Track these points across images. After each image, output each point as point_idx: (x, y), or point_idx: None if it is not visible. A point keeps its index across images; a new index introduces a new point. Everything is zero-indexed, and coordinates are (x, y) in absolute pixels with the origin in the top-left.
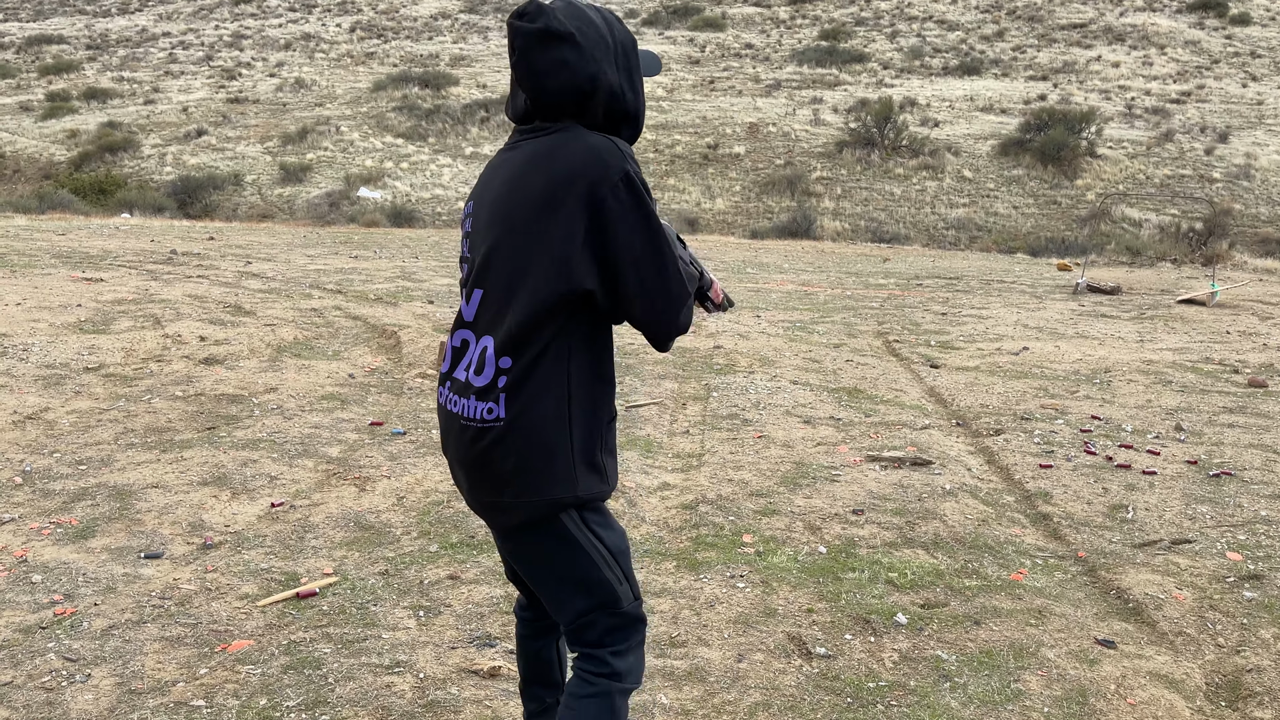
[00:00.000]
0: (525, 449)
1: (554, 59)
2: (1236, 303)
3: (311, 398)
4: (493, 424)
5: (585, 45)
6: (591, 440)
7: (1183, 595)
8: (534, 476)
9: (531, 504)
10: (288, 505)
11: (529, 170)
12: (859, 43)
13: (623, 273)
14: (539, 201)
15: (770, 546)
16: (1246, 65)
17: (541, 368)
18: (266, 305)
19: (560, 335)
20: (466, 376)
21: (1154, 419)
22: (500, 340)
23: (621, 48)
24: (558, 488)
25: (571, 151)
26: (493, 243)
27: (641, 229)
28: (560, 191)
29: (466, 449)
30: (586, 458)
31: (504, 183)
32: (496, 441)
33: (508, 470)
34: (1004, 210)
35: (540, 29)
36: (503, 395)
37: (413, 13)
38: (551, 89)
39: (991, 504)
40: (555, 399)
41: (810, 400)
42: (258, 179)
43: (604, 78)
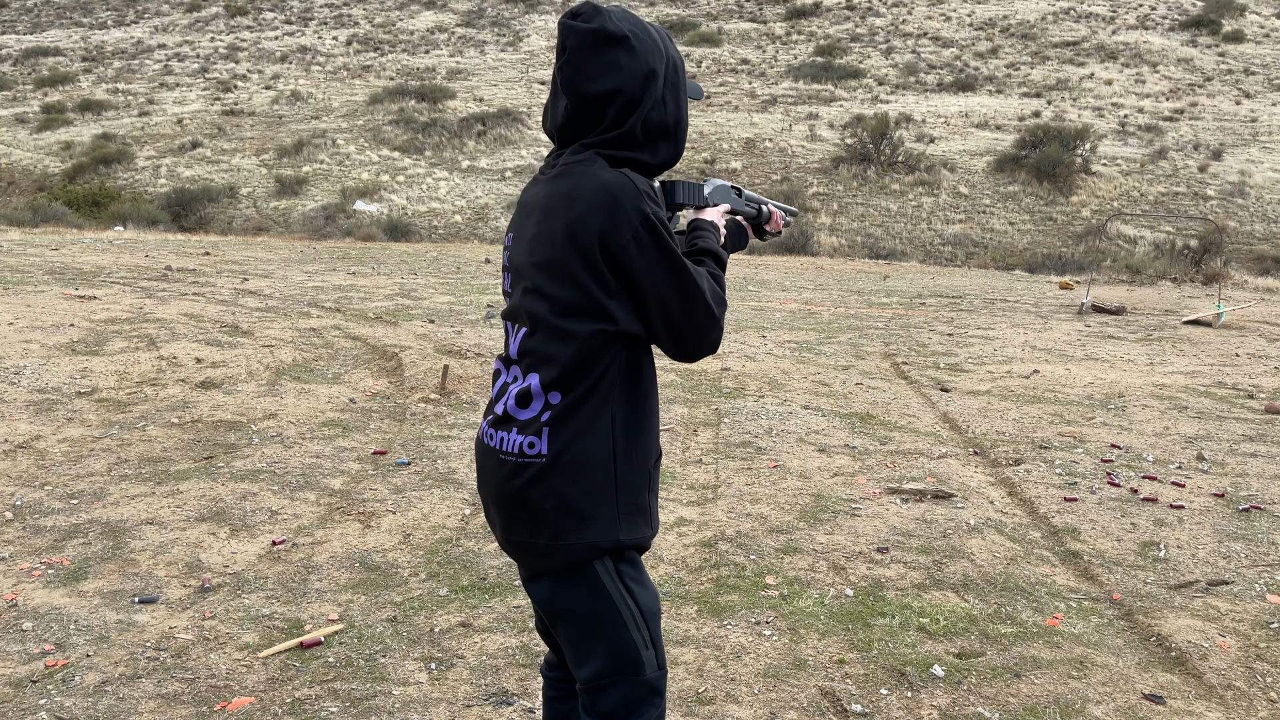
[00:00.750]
0: (567, 487)
1: (606, 61)
2: (1242, 324)
3: (312, 424)
4: (533, 459)
5: (639, 50)
6: (638, 480)
7: (1227, 644)
8: (574, 517)
9: (569, 547)
10: (289, 543)
11: (553, 212)
12: (854, 59)
13: (651, 313)
14: (564, 247)
15: (795, 589)
16: (1240, 82)
17: (589, 404)
18: (264, 325)
19: (608, 372)
20: (507, 409)
21: (1174, 448)
22: (548, 376)
23: (672, 61)
24: (599, 530)
25: (589, 193)
26: (530, 284)
27: (664, 270)
28: (581, 237)
29: (503, 484)
30: (631, 498)
31: (536, 223)
32: (536, 478)
33: (546, 509)
34: (1000, 226)
35: (595, 29)
36: (546, 430)
37: (409, 26)
38: (597, 93)
39: (1019, 540)
40: (601, 436)
41: (823, 426)
42: (253, 192)
43: (653, 86)
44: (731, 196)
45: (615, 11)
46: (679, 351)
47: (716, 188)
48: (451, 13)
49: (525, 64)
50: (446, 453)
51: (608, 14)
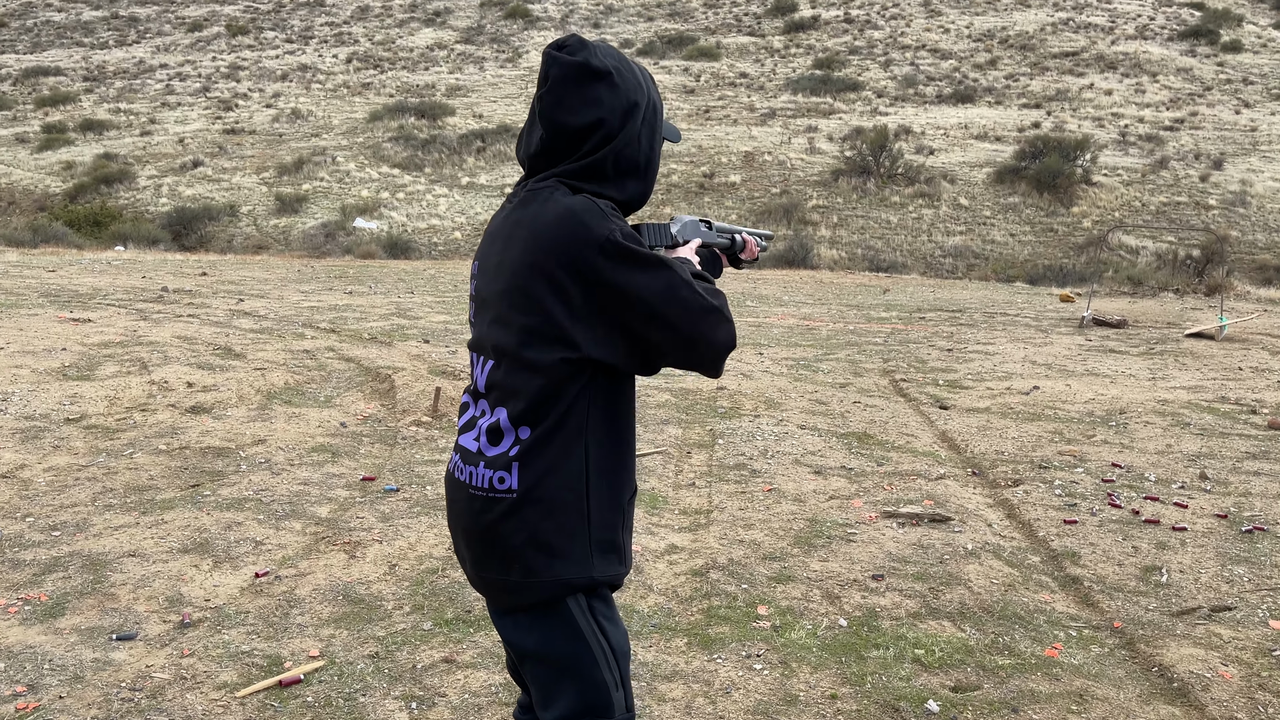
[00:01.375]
0: (538, 523)
1: (588, 95)
2: (1245, 336)
3: (301, 450)
4: (504, 494)
5: (621, 87)
6: (611, 516)
7: (1229, 673)
8: (546, 554)
9: (542, 584)
10: (272, 575)
11: (516, 239)
12: (853, 71)
13: (645, 333)
14: (528, 274)
15: (787, 619)
16: (1239, 92)
17: (560, 436)
18: (258, 347)
19: (578, 403)
20: (478, 445)
21: (1177, 466)
22: (516, 410)
23: (652, 102)
24: (571, 568)
25: (551, 217)
26: (495, 313)
27: (641, 274)
28: (546, 262)
29: (474, 519)
30: (605, 535)
31: (499, 251)
32: (507, 514)
33: (517, 545)
34: (1000, 238)
35: (580, 62)
36: (515, 464)
37: (409, 43)
38: (574, 126)
39: (1017, 565)
40: (573, 470)
41: (819, 447)
42: (253, 210)
43: (631, 124)
44: (701, 230)
45: (601, 46)
46: (694, 358)
47: (685, 224)
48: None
49: (524, 80)
50: (436, 478)
51: (593, 48)
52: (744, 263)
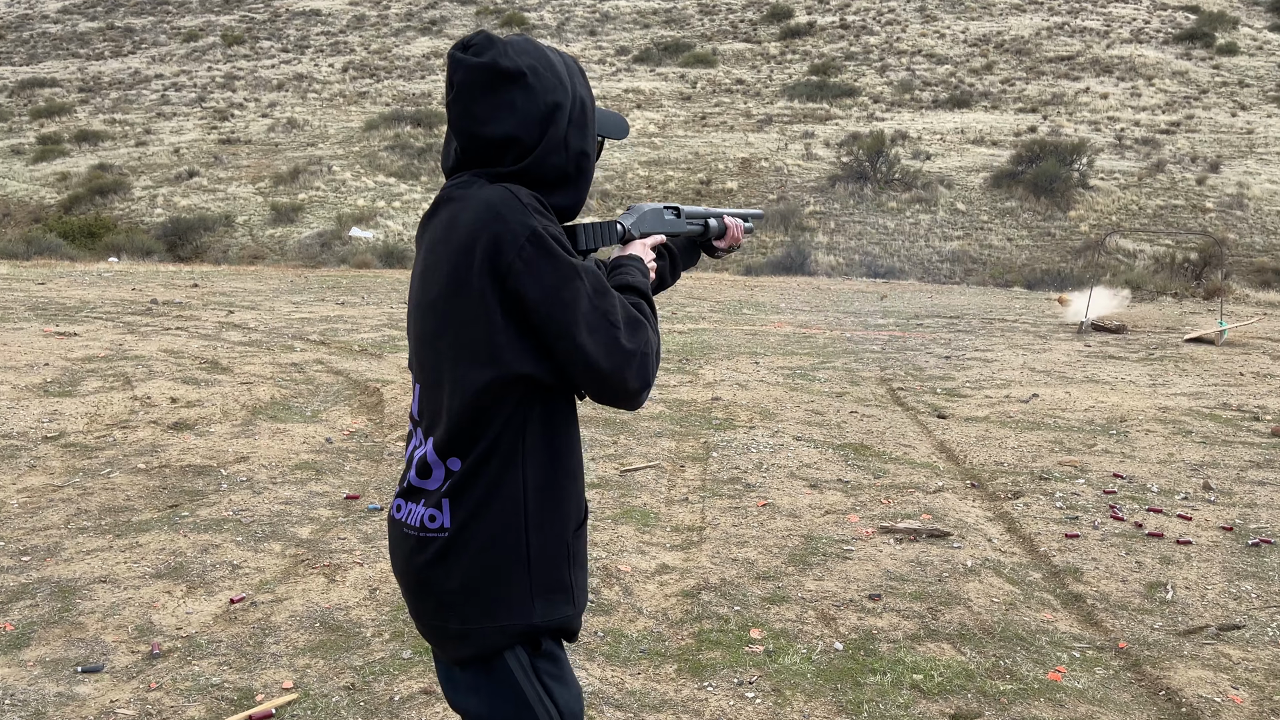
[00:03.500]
0: (472, 565)
1: (498, 102)
2: (1245, 341)
3: (284, 467)
4: (435, 534)
5: (538, 89)
6: (555, 551)
7: (1240, 697)
8: (481, 599)
9: (477, 633)
10: (248, 601)
11: (437, 245)
12: (849, 77)
13: (552, 344)
14: (447, 280)
15: (781, 643)
16: (1235, 94)
17: (491, 466)
18: (245, 360)
19: (510, 427)
20: (409, 480)
21: (1179, 476)
22: (442, 439)
23: (579, 100)
24: (510, 613)
25: (469, 215)
26: (418, 330)
27: (558, 290)
28: (463, 265)
29: (407, 562)
30: (549, 573)
31: (421, 260)
32: (440, 556)
33: (451, 590)
34: (998, 243)
35: (486, 64)
36: (446, 501)
37: (405, 52)
38: (488, 137)
39: (1018, 582)
40: (509, 503)
41: (815, 459)
42: (249, 220)
43: (553, 130)
44: (667, 219)
45: (515, 42)
46: (597, 391)
47: (642, 215)
48: (447, 38)
49: None
50: None
51: (503, 46)
52: (721, 250)
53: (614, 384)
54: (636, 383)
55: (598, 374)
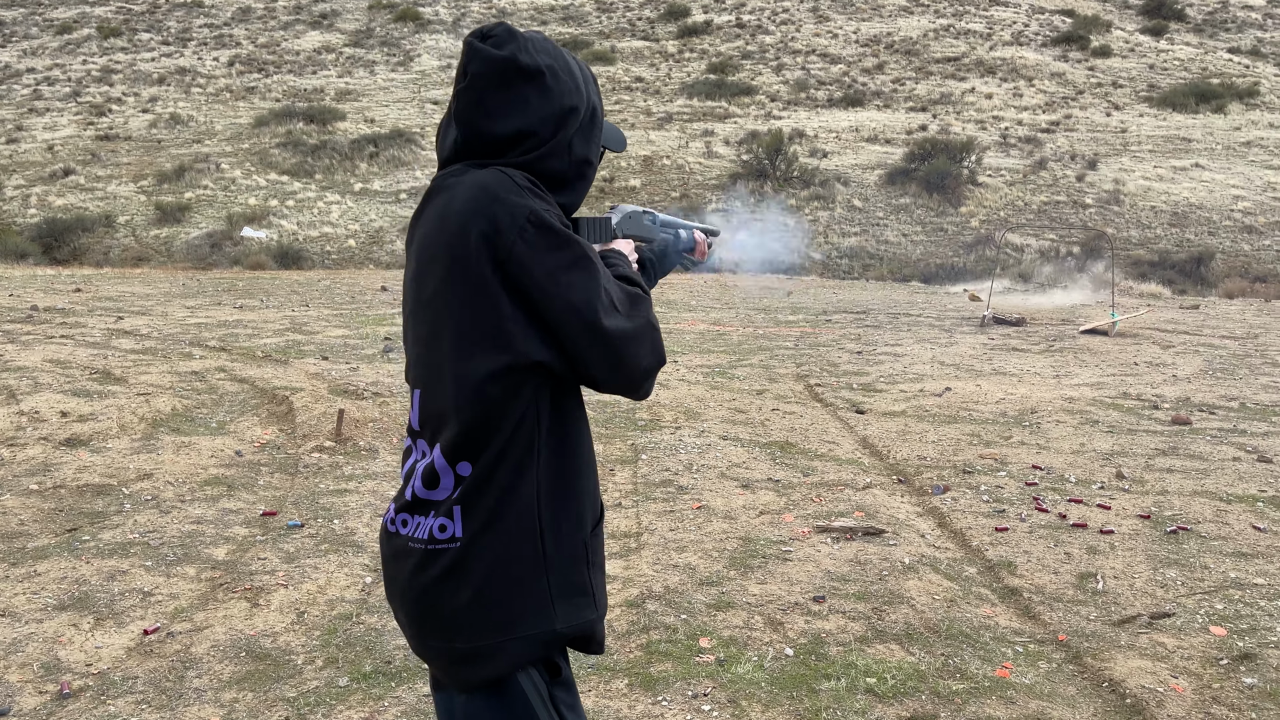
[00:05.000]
0: (487, 575)
1: (513, 98)
2: (1135, 331)
3: (192, 484)
4: (446, 545)
5: (555, 91)
6: (573, 551)
7: (1181, 686)
8: (498, 613)
9: (493, 652)
10: (164, 631)
11: (430, 237)
12: (746, 75)
13: (562, 326)
14: (446, 272)
15: (732, 651)
16: (1109, 95)
17: (505, 468)
18: (140, 369)
19: (523, 425)
20: (414, 492)
21: (1093, 466)
22: (450, 443)
23: (591, 108)
24: (529, 621)
25: (463, 200)
26: (419, 330)
27: (565, 268)
28: (461, 253)
29: (412, 578)
30: (567, 577)
31: (415, 255)
32: (451, 569)
33: (462, 604)
34: (894, 239)
35: (506, 58)
36: (457, 508)
37: (294, 46)
38: (497, 133)
39: (955, 578)
40: (523, 506)
41: (744, 458)
42: (131, 220)
43: (563, 133)
44: (644, 223)
45: (535, 40)
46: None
47: (625, 216)
48: (339, 33)
49: (417, 84)
50: (344, 510)
51: (524, 41)
52: (692, 263)
53: (629, 363)
54: (650, 359)
55: (612, 353)
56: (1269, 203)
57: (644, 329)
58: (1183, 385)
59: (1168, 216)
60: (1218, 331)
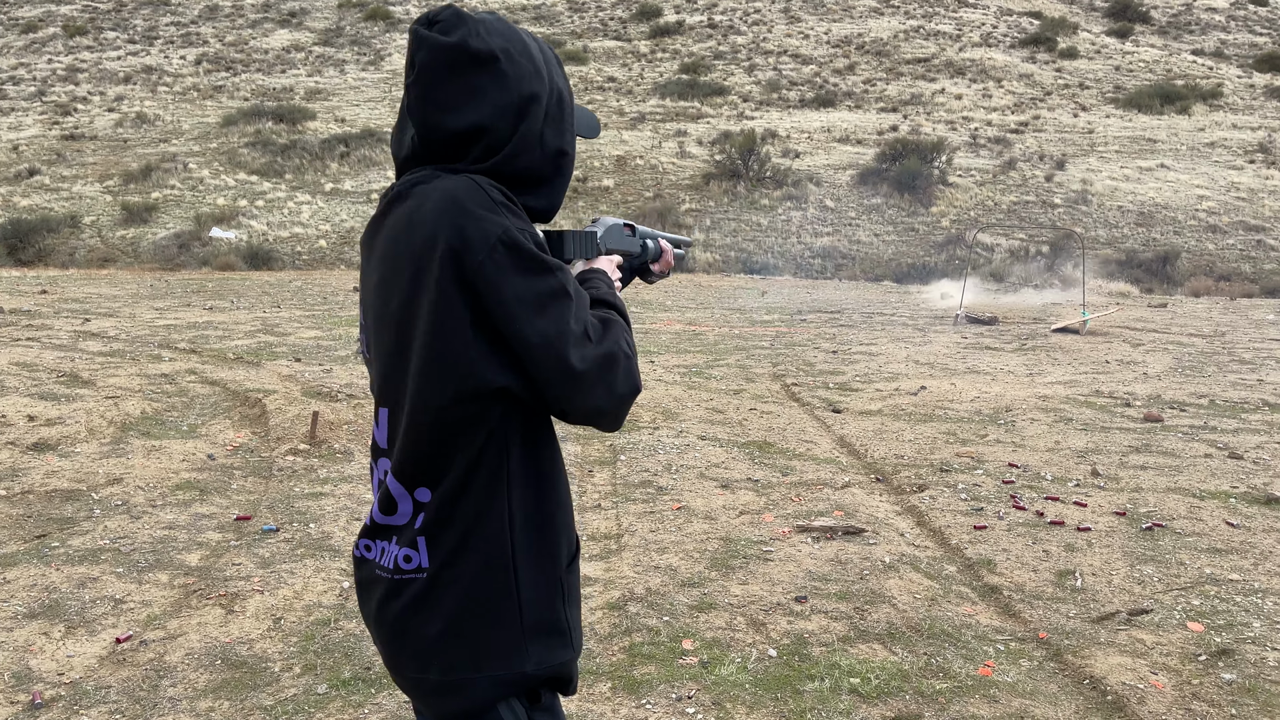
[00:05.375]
0: (456, 608)
1: (466, 87)
2: (1106, 329)
3: (164, 488)
4: (412, 575)
5: (511, 76)
6: (547, 589)
7: (1161, 683)
8: (467, 647)
9: (467, 683)
10: (137, 640)
11: (395, 249)
12: (718, 76)
13: (530, 354)
14: (409, 287)
15: (715, 653)
16: (1076, 96)
17: (471, 496)
18: (108, 372)
19: (490, 451)
20: (372, 517)
21: (1069, 464)
22: (410, 467)
23: (557, 93)
24: (501, 660)
25: (430, 209)
26: (383, 345)
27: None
28: (425, 270)
29: (381, 607)
30: (540, 614)
31: (376, 267)
32: (418, 600)
33: (431, 637)
34: (866, 238)
35: (454, 44)
36: (421, 538)
37: (263, 45)
38: (451, 128)
39: (936, 577)
40: (494, 537)
41: (722, 459)
42: (97, 220)
43: (527, 123)
44: (624, 236)
45: (487, 21)
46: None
47: (608, 229)
48: (308, 31)
49: (388, 83)
50: (320, 514)
51: (474, 24)
52: (654, 275)
53: (599, 397)
54: (624, 387)
55: (581, 388)
56: (1232, 202)
57: (615, 359)
58: (1153, 383)
59: (1134, 216)
60: (1186, 329)
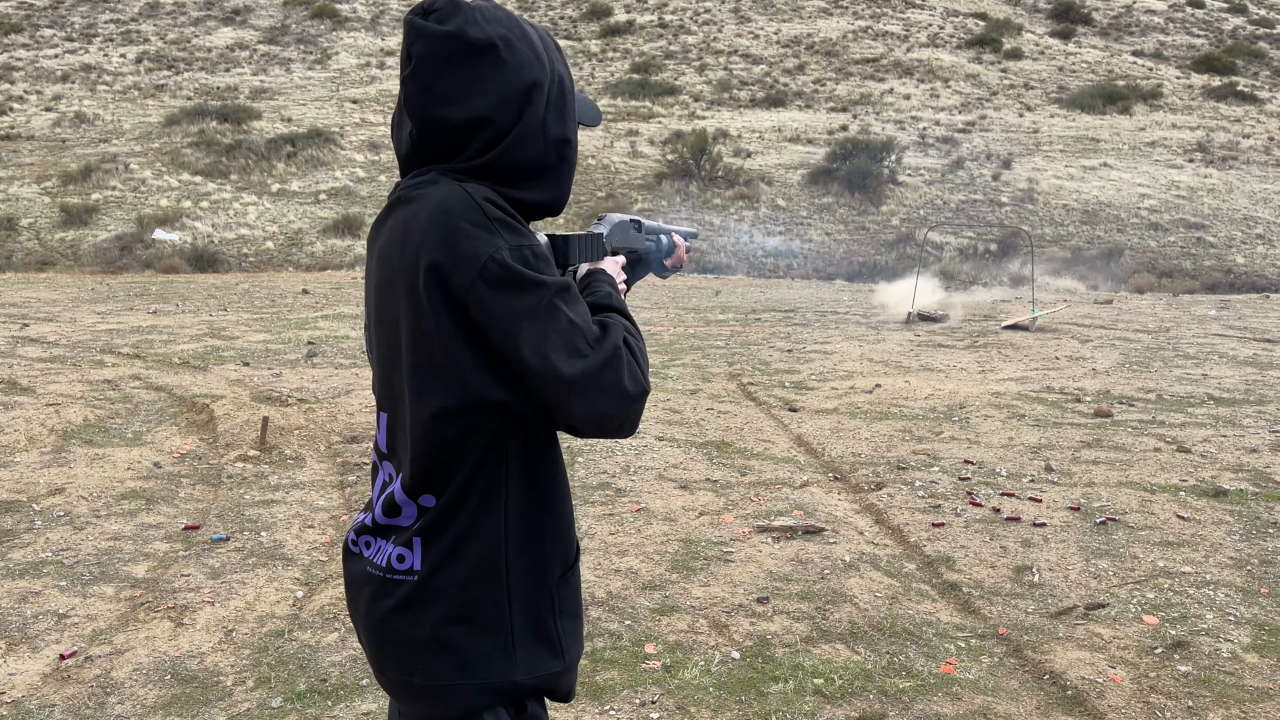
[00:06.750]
0: (444, 614)
1: (465, 79)
2: (1055, 326)
3: (108, 498)
4: (404, 576)
5: (511, 64)
6: (538, 598)
7: (1119, 676)
8: (454, 653)
9: (451, 690)
10: (82, 655)
11: (389, 254)
12: (669, 75)
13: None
14: (401, 296)
15: (678, 656)
16: (1021, 96)
17: (468, 505)
18: (48, 379)
19: (488, 462)
20: (374, 518)
21: (1022, 460)
22: (410, 477)
23: (558, 79)
24: (488, 669)
25: (423, 221)
26: (381, 351)
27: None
28: (416, 284)
29: (370, 605)
30: (531, 623)
31: (376, 269)
32: (407, 601)
33: (419, 640)
34: (818, 237)
35: (451, 33)
36: (417, 540)
37: (206, 43)
38: (452, 120)
39: (896, 575)
40: (487, 544)
41: (681, 459)
42: (35, 223)
43: (529, 112)
44: (630, 233)
45: (484, 9)
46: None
47: (614, 228)
48: (252, 29)
49: (335, 82)
50: (271, 521)
51: (470, 12)
52: (669, 270)
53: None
54: (633, 387)
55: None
56: (1173, 200)
57: (615, 363)
58: (1102, 378)
59: (1079, 214)
60: (1131, 325)
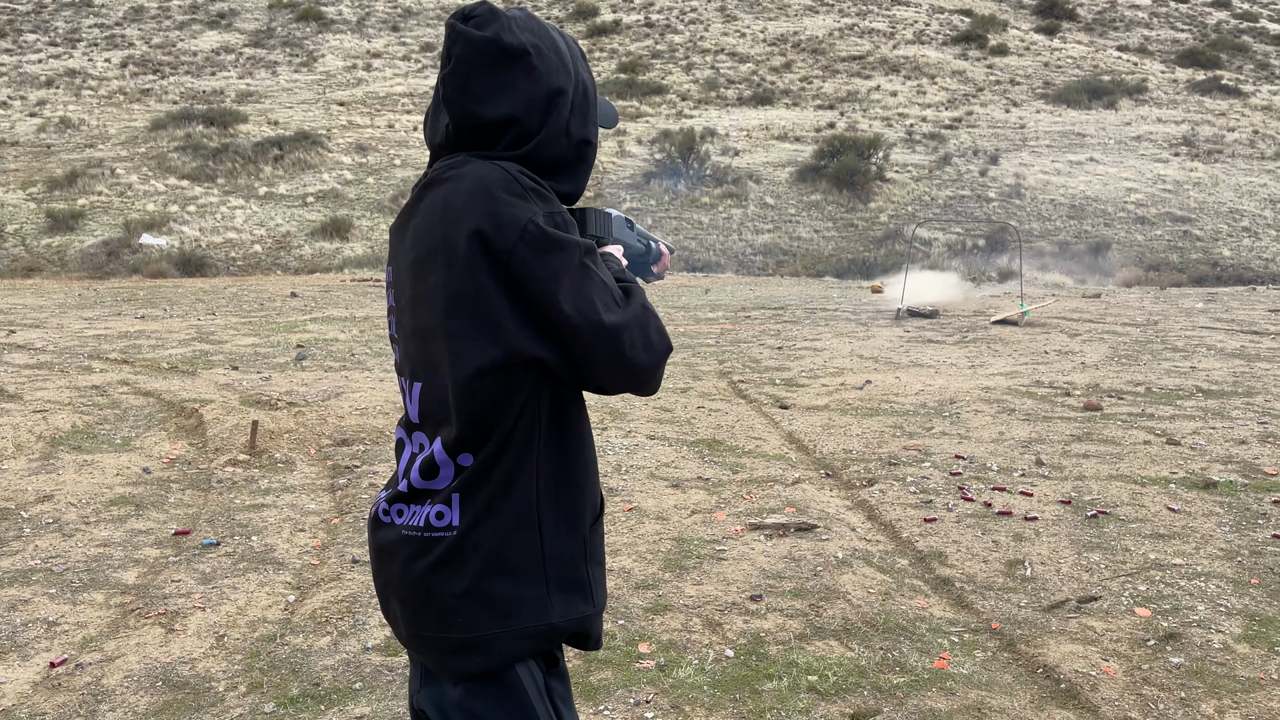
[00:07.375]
0: (483, 565)
1: (499, 81)
2: (1044, 320)
3: (98, 504)
4: (443, 533)
5: (541, 71)
6: (570, 546)
7: (1112, 669)
8: (493, 603)
9: (489, 640)
10: (72, 663)
11: (427, 228)
12: (657, 75)
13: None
14: (444, 265)
15: (672, 655)
16: (1007, 92)
17: (505, 459)
18: (36, 385)
19: (523, 416)
20: (410, 483)
21: (1013, 454)
22: (451, 436)
23: (582, 86)
24: (526, 613)
25: (463, 194)
26: (416, 324)
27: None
28: (460, 251)
29: (406, 566)
30: (564, 570)
31: (411, 246)
32: (446, 557)
33: (457, 594)
34: (806, 235)
35: (489, 38)
36: (456, 495)
37: (192, 47)
38: (486, 117)
39: (888, 571)
40: (522, 498)
41: (672, 458)
42: (20, 229)
43: (555, 115)
44: (626, 230)
45: (519, 18)
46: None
47: (615, 220)
48: (238, 33)
49: (322, 85)
50: (262, 526)
51: (506, 21)
52: (653, 276)
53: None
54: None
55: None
56: (1159, 194)
57: (645, 318)
58: (1091, 372)
59: (1066, 209)
60: (1120, 319)
